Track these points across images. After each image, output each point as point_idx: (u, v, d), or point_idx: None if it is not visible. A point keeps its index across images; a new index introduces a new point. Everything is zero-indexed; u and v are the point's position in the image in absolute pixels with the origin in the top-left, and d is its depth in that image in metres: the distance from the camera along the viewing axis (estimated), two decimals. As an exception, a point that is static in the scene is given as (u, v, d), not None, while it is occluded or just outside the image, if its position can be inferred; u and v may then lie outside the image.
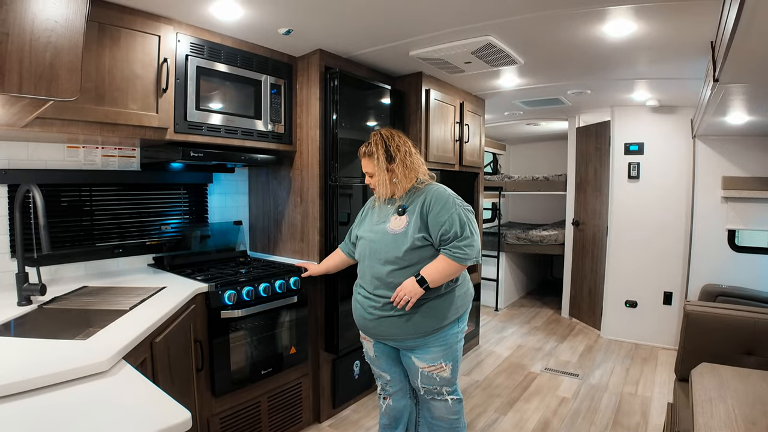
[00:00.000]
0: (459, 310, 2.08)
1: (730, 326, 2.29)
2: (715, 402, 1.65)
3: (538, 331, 4.90)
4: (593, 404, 3.19)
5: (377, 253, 2.05)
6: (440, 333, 2.03)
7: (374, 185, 2.11)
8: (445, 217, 1.94)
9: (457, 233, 1.92)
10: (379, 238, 2.06)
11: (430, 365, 2.05)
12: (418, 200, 2.02)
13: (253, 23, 2.41)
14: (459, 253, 1.92)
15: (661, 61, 2.98)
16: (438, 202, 1.97)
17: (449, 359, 2.06)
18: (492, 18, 2.35)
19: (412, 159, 2.07)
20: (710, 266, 4.07)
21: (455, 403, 2.14)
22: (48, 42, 1.28)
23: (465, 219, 1.96)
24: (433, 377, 2.07)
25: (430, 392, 2.12)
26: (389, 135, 2.08)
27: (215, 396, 2.28)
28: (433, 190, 2.03)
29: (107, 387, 1.16)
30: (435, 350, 2.04)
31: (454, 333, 2.07)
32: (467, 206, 2.04)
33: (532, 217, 7.34)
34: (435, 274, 1.93)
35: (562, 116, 5.24)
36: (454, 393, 2.14)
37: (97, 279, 2.36)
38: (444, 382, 2.09)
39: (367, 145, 2.10)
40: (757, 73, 1.86)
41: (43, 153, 2.30)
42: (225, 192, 3.21)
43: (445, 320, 2.02)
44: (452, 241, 1.93)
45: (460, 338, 2.12)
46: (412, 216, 2.00)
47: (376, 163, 2.05)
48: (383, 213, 2.13)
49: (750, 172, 3.89)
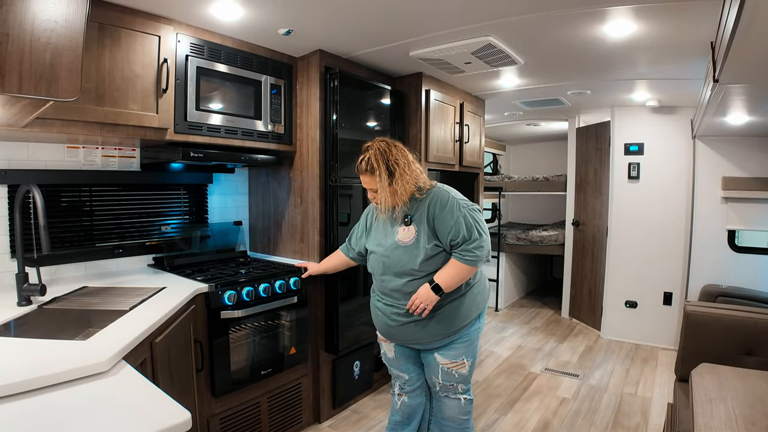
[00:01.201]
0: (480, 306, 2.13)
1: (730, 326, 2.29)
2: (715, 402, 1.64)
3: (538, 331, 4.90)
4: (593, 405, 3.19)
5: (391, 267, 2.06)
6: (464, 330, 2.08)
7: (377, 200, 2.08)
8: (451, 222, 1.94)
9: (465, 237, 1.93)
10: (390, 253, 2.06)
11: (452, 362, 2.09)
12: (423, 208, 2.00)
13: (253, 23, 2.41)
14: (469, 256, 1.93)
15: (661, 62, 2.98)
16: (442, 208, 1.96)
17: (470, 355, 2.10)
18: (492, 18, 2.36)
19: (411, 169, 2.03)
20: (710, 266, 4.06)
21: (467, 404, 2.17)
22: (48, 42, 1.28)
23: (471, 221, 1.95)
24: (452, 373, 2.10)
25: (445, 389, 2.14)
26: (386, 149, 2.01)
27: (215, 396, 2.28)
28: (436, 195, 2.01)
29: (107, 387, 1.16)
30: (459, 346, 2.08)
31: (476, 329, 2.12)
32: (473, 206, 2.03)
33: (532, 218, 7.33)
34: (448, 279, 1.95)
35: (562, 116, 5.24)
36: (467, 392, 2.17)
37: (97, 279, 2.36)
38: (461, 379, 2.11)
39: (367, 162, 2.02)
40: (757, 74, 1.86)
41: (43, 153, 2.30)
42: (225, 192, 3.21)
43: (468, 318, 2.07)
44: (461, 245, 1.94)
45: (480, 335, 2.17)
46: (420, 225, 2.00)
47: (378, 180, 2.00)
48: (390, 224, 2.11)
49: (750, 172, 3.89)
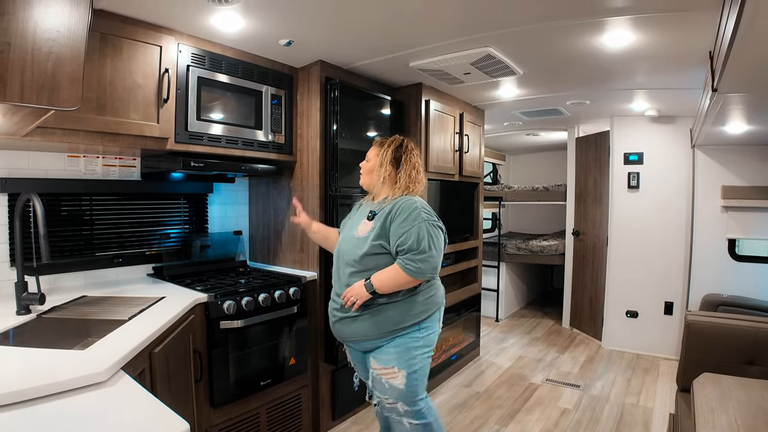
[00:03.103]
0: (419, 316, 2.00)
1: (731, 336, 2.28)
2: (717, 412, 1.63)
3: (538, 341, 4.87)
4: (595, 415, 3.16)
5: (343, 255, 2.07)
6: (397, 336, 1.98)
7: (363, 171, 2.17)
8: (405, 228, 1.91)
9: (413, 246, 1.89)
10: (346, 243, 2.10)
11: (382, 367, 1.99)
12: (388, 209, 2.00)
13: (254, 34, 2.43)
14: (411, 265, 1.88)
15: (660, 72, 2.99)
16: (403, 213, 1.94)
17: (403, 365, 1.96)
18: (491, 29, 2.37)
19: (409, 176, 2.08)
20: (711, 276, 4.06)
21: (416, 429, 2.00)
22: (50, 52, 1.29)
23: (426, 233, 1.91)
24: (383, 383, 2.00)
25: (387, 409, 2.05)
26: (412, 146, 2.14)
27: (214, 407, 2.26)
28: (405, 201, 1.99)
29: (105, 397, 1.15)
30: (390, 352, 1.98)
31: (413, 338, 1.99)
32: (436, 221, 1.99)
33: (533, 227, 7.33)
34: (383, 281, 1.92)
35: (562, 126, 5.26)
36: (414, 416, 2.00)
37: (96, 288, 2.35)
38: (397, 394, 1.98)
39: (386, 139, 2.15)
40: (756, 83, 1.87)
41: (43, 162, 2.31)
42: (225, 202, 3.21)
43: (400, 324, 1.97)
44: (407, 253, 1.89)
45: (421, 346, 2.00)
46: (377, 222, 2.00)
47: (378, 153, 2.11)
48: (359, 217, 2.14)
49: (749, 181, 3.90)
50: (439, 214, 2.06)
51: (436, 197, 3.58)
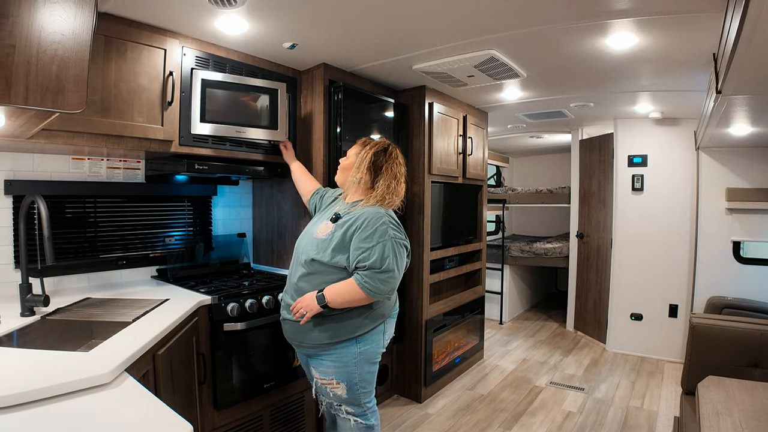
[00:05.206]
0: (356, 331, 1.93)
1: (736, 339, 2.27)
2: (722, 415, 1.62)
3: (543, 344, 4.86)
4: (599, 418, 3.15)
5: (300, 253, 2.04)
6: (333, 350, 1.94)
7: (339, 167, 2.16)
8: (370, 243, 1.84)
9: (375, 264, 1.82)
10: (306, 238, 2.07)
11: (323, 378, 2.00)
12: (353, 218, 1.92)
13: (258, 37, 2.43)
14: (369, 284, 1.81)
15: (664, 74, 2.98)
16: (369, 227, 1.86)
17: (342, 378, 1.95)
18: (494, 32, 2.37)
19: (388, 186, 1.99)
20: (715, 278, 4.04)
21: (362, 429, 2.02)
22: (55, 54, 1.30)
23: (391, 252, 1.84)
24: (327, 391, 2.02)
25: (331, 406, 2.06)
26: (397, 154, 2.08)
27: (217, 409, 2.26)
28: (374, 213, 1.90)
29: (109, 399, 1.16)
30: (329, 365, 1.96)
31: (351, 353, 1.94)
32: (403, 239, 1.93)
33: (537, 230, 7.32)
34: (337, 296, 1.86)
35: (565, 129, 5.26)
36: (361, 416, 2.02)
37: (100, 290, 2.36)
38: (341, 401, 2.00)
39: (371, 140, 2.12)
40: (760, 85, 1.86)
41: (48, 164, 2.32)
42: (229, 204, 3.22)
43: (336, 338, 1.92)
44: (368, 270, 1.82)
45: (359, 362, 1.95)
46: (338, 231, 1.92)
47: (357, 153, 2.08)
48: (326, 214, 2.12)
49: (754, 183, 3.88)
50: (442, 217, 2.04)
51: (440, 199, 3.57)
